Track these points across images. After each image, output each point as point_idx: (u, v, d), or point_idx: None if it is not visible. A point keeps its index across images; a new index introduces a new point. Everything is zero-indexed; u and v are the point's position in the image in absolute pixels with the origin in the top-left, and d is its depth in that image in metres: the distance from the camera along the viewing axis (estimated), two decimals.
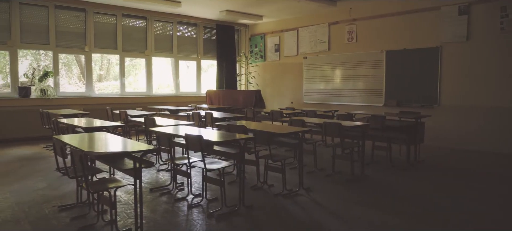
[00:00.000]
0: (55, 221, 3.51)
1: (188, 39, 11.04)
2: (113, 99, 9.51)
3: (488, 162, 6.52)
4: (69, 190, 4.50)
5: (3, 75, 9.43)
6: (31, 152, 7.05)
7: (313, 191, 4.56)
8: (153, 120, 5.46)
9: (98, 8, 9.16)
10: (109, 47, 9.58)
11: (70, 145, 3.21)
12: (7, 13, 8.11)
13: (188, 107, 9.00)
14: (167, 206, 3.99)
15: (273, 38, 11.35)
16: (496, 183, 5.16)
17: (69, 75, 11.08)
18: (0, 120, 7.94)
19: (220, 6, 9.43)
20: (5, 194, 4.36)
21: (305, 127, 5.34)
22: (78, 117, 6.70)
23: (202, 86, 11.42)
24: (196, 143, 3.75)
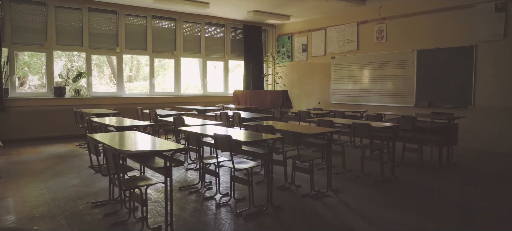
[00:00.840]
0: (88, 217, 3.62)
1: (216, 40, 11.15)
2: (143, 99, 9.73)
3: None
4: (101, 187, 4.63)
5: (39, 76, 9.84)
6: (66, 149, 7.30)
7: (341, 193, 4.49)
8: (182, 119, 5.54)
9: (129, 10, 9.39)
10: (139, 48, 9.80)
11: (103, 143, 3.30)
12: (44, 16, 8.45)
13: (215, 107, 9.09)
14: (195, 204, 4.04)
15: (301, 38, 11.28)
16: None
17: (100, 75, 11.43)
18: (36, 119, 8.27)
19: (248, 6, 9.47)
20: (42, 190, 4.54)
21: (334, 128, 5.28)
22: (110, 116, 6.90)
23: (229, 87, 11.49)
24: (225, 143, 3.77)
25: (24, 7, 8.24)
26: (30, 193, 4.42)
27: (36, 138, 8.23)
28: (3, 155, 6.64)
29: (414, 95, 8.46)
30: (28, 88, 9.73)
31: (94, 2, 8.84)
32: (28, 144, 7.79)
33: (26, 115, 8.17)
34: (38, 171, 5.55)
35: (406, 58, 8.60)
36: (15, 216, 3.67)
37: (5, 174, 5.29)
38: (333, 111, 7.72)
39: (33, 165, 5.93)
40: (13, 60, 8.29)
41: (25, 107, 8.19)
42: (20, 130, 8.06)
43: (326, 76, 10.52)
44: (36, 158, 6.47)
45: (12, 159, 6.34)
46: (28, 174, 5.33)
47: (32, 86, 9.87)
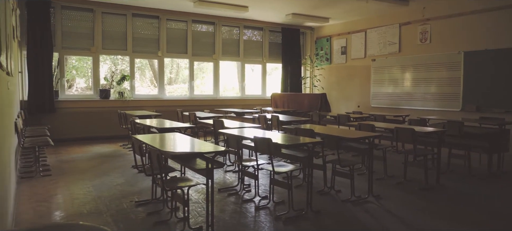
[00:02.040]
0: (133, 215, 3.74)
1: (254, 43, 11.21)
2: (183, 102, 9.95)
3: None
4: (144, 186, 4.78)
5: (85, 78, 10.33)
6: (110, 149, 7.60)
7: (383, 199, 4.37)
8: (221, 122, 5.61)
9: (170, 15, 9.65)
10: (180, 52, 10.05)
11: (148, 144, 3.40)
12: (91, 22, 8.86)
13: (253, 110, 9.13)
14: (235, 206, 4.07)
15: (340, 41, 11.11)
16: None
17: (142, 78, 11.82)
18: (83, 120, 8.68)
19: (286, 9, 9.46)
20: (89, 188, 4.75)
21: (375, 132, 5.15)
22: (152, 118, 7.11)
23: (266, 89, 11.51)
24: (265, 146, 3.77)
25: (74, 14, 8.69)
26: (78, 190, 4.64)
27: (83, 138, 8.62)
28: (53, 153, 7.01)
29: (460, 99, 8.08)
30: (75, 90, 10.23)
31: (138, 8, 9.16)
32: (76, 143, 8.18)
33: (74, 116, 8.59)
34: (85, 169, 5.81)
35: (452, 61, 8.24)
36: (65, 212, 3.86)
37: (55, 172, 5.58)
38: (373, 115, 7.53)
39: (81, 164, 6.22)
40: (63, 64, 8.75)
41: (73, 109, 8.62)
42: (68, 130, 8.48)
43: (366, 79, 10.29)
44: (83, 157, 6.78)
45: (61, 158, 6.68)
46: (76, 172, 5.59)
47: (79, 88, 10.37)
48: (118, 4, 8.83)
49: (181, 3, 8.83)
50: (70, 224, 1.05)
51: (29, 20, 8.01)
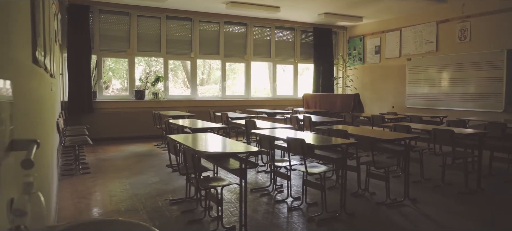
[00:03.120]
0: (167, 213, 3.82)
1: (285, 43, 11.18)
2: (214, 102, 10.06)
3: None
4: (178, 185, 4.87)
5: (121, 80, 10.65)
6: (145, 149, 7.80)
7: (420, 203, 4.23)
8: (253, 122, 5.62)
9: (203, 17, 9.79)
10: (212, 53, 10.17)
11: (183, 144, 3.46)
12: (127, 25, 9.13)
13: (284, 111, 9.10)
14: (267, 207, 4.07)
15: (373, 40, 10.88)
16: None
17: (175, 79, 12.05)
18: (119, 120, 8.96)
19: (319, 9, 9.36)
20: (126, 186, 4.89)
21: (411, 133, 5.00)
22: (185, 118, 7.23)
23: (298, 90, 11.45)
24: (298, 146, 3.75)
25: (111, 17, 8.99)
26: (115, 188, 4.79)
27: (118, 137, 8.90)
28: (92, 152, 7.28)
29: (503, 100, 7.70)
30: (112, 91, 10.57)
31: (172, 10, 9.35)
32: (112, 143, 8.45)
33: (110, 116, 8.88)
34: (122, 168, 6.00)
35: (493, 59, 7.87)
36: (103, 209, 4.00)
37: (94, 170, 5.79)
38: (409, 116, 7.32)
39: (117, 162, 6.42)
40: (101, 66, 9.08)
41: (110, 109, 8.92)
42: (105, 130, 8.78)
43: (400, 79, 10.01)
44: (120, 156, 7.00)
45: (99, 156, 6.93)
46: (113, 170, 5.78)
47: (115, 89, 10.71)
48: (153, 7, 9.06)
49: (214, 5, 8.94)
50: (114, 220, 1.08)
51: (70, 24, 8.36)
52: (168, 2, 8.51)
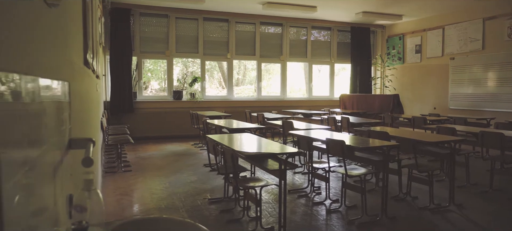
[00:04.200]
0: (206, 212, 3.87)
1: (322, 43, 11.05)
2: (250, 103, 10.10)
3: None
4: (216, 184, 4.92)
5: (159, 81, 10.92)
6: (182, 148, 7.96)
7: (466, 208, 4.04)
8: (291, 123, 5.59)
9: (239, 17, 9.87)
10: (248, 54, 10.22)
11: (222, 144, 3.49)
12: (166, 27, 9.36)
13: (321, 111, 8.99)
14: (305, 208, 4.03)
15: (414, 39, 10.52)
16: None
17: (210, 79, 12.22)
18: (157, 119, 9.20)
19: (356, 8, 9.18)
20: (165, 184, 5.01)
21: (456, 136, 4.78)
22: (221, 118, 7.31)
23: (334, 90, 11.28)
24: (337, 148, 3.69)
25: (150, 20, 9.25)
26: (155, 185, 4.91)
27: (157, 137, 9.14)
28: (133, 150, 7.52)
29: None
30: (150, 92, 10.87)
31: (209, 12, 9.48)
32: (151, 141, 8.69)
33: (149, 116, 9.14)
34: (161, 166, 6.14)
35: None
36: (145, 206, 4.11)
37: (135, 167, 5.97)
38: (452, 118, 7.02)
39: (156, 161, 6.59)
40: (141, 67, 9.36)
41: (149, 109, 9.17)
42: (144, 129, 9.04)
43: (443, 79, 9.63)
44: (159, 155, 7.18)
45: (139, 155, 7.14)
46: (153, 169, 5.93)
47: (153, 90, 11.00)
48: (191, 9, 9.23)
49: (250, 6, 8.98)
50: (165, 218, 1.10)
51: (112, 27, 8.68)
52: (206, 4, 8.64)
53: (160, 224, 1.05)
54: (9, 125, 0.53)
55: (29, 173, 0.65)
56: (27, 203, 0.65)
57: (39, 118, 0.72)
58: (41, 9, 0.79)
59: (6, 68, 0.51)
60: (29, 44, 0.68)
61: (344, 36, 11.20)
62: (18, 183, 0.57)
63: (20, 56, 0.62)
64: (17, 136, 0.58)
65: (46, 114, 0.78)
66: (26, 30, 0.67)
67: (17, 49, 0.60)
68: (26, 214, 0.65)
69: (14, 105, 0.54)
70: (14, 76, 0.54)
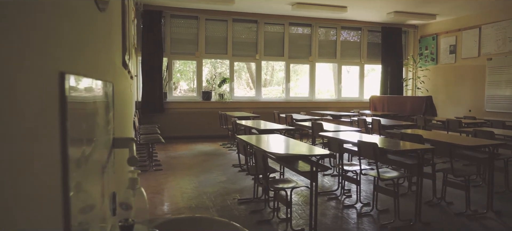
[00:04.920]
0: (236, 212, 3.89)
1: (351, 44, 10.89)
2: (278, 104, 10.09)
3: None
4: (245, 185, 4.94)
5: (188, 81, 11.08)
6: (211, 148, 8.04)
7: (505, 216, 3.87)
8: (320, 124, 5.54)
9: (268, 18, 9.88)
10: (276, 55, 10.21)
11: (253, 145, 3.50)
12: (196, 29, 9.50)
13: (350, 113, 8.86)
14: (336, 211, 3.98)
15: (448, 39, 10.19)
16: None
17: (238, 80, 12.29)
18: (187, 120, 9.33)
19: (388, 7, 8.99)
20: (195, 183, 5.07)
21: (495, 140, 4.59)
22: (250, 119, 7.33)
23: (364, 92, 11.09)
24: (369, 150, 3.62)
25: (181, 22, 9.41)
26: (186, 185, 4.99)
27: (186, 136, 9.27)
28: (163, 150, 7.66)
29: None
30: (179, 92, 11.05)
31: (238, 13, 9.54)
32: (181, 141, 8.83)
33: (179, 116, 9.29)
34: (190, 166, 6.23)
35: None
36: (176, 205, 4.18)
37: (165, 167, 6.09)
38: (489, 121, 6.75)
39: (186, 160, 6.69)
40: (171, 68, 9.53)
41: (179, 109, 9.32)
42: (174, 129, 9.19)
43: (479, 81, 9.27)
44: (188, 154, 7.29)
45: (170, 154, 7.27)
46: (182, 168, 6.03)
47: (182, 90, 11.18)
48: (220, 10, 9.32)
49: (279, 6, 8.97)
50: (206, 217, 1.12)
51: (144, 28, 8.88)
52: (235, 5, 8.70)
53: (202, 224, 1.06)
54: (77, 123, 0.55)
55: (84, 170, 0.67)
56: (81, 199, 0.67)
57: (94, 117, 0.75)
58: (94, 13, 0.82)
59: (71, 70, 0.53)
60: (85, 47, 0.71)
61: (374, 37, 11.00)
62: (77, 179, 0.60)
63: (80, 59, 0.64)
64: (80, 134, 0.60)
65: (98, 114, 0.81)
66: (84, 33, 0.69)
67: (78, 51, 0.63)
68: (81, 210, 0.67)
69: (80, 105, 0.57)
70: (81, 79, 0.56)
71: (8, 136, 0.38)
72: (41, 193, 0.47)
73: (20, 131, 0.41)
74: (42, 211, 0.47)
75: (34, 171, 0.44)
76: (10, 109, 0.38)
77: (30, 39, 0.44)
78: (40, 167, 0.46)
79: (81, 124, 0.60)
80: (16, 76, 0.40)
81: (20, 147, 0.41)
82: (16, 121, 0.40)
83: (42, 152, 0.46)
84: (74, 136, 0.54)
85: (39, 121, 0.45)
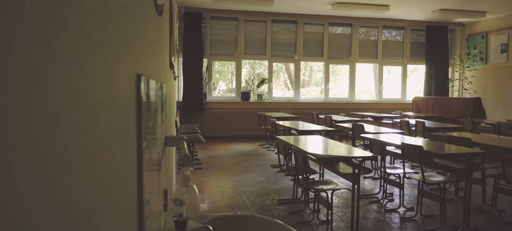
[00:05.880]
0: (276, 212, 3.90)
1: (393, 44, 10.58)
2: (317, 104, 9.99)
3: None
4: (284, 185, 4.94)
5: (226, 82, 11.22)
6: (249, 148, 8.10)
7: None
8: (361, 126, 5.44)
9: (307, 19, 9.81)
10: (315, 55, 10.12)
11: (293, 145, 3.50)
12: (235, 30, 9.60)
13: (392, 115, 8.61)
14: (378, 215, 3.89)
15: (499, 37, 9.65)
16: None
17: (276, 81, 12.29)
18: (226, 120, 9.46)
19: (433, 5, 8.66)
20: (234, 183, 5.13)
21: None
22: (289, 119, 7.32)
23: (406, 93, 10.74)
24: (414, 153, 3.51)
25: (221, 23, 9.56)
26: (225, 184, 5.06)
27: (225, 136, 9.40)
28: (203, 149, 7.82)
29: None
30: (218, 92, 11.22)
31: (277, 14, 9.55)
32: (220, 141, 8.96)
33: (218, 116, 9.43)
34: (230, 165, 6.32)
35: None
36: (216, 204, 4.25)
37: (205, 165, 6.21)
38: None
39: (225, 160, 6.78)
40: (211, 69, 9.70)
41: (218, 109, 9.47)
42: (213, 128, 9.34)
43: None
44: (227, 154, 7.39)
45: (209, 153, 7.40)
46: (222, 167, 6.12)
47: (221, 91, 11.34)
48: (259, 11, 9.37)
49: (319, 6, 8.89)
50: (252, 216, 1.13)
51: (185, 30, 9.10)
52: (274, 6, 8.71)
53: (249, 222, 1.08)
54: (146, 122, 0.58)
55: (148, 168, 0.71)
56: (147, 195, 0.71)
57: (156, 117, 0.79)
58: (154, 17, 0.86)
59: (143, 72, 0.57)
60: (149, 49, 0.75)
61: (418, 36, 10.62)
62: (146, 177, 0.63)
63: (145, 61, 0.68)
64: (147, 133, 0.64)
65: (157, 113, 0.85)
66: (149, 37, 0.73)
67: (145, 54, 0.66)
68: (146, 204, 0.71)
69: (148, 105, 0.60)
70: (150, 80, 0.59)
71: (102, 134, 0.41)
72: (123, 190, 0.50)
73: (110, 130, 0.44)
74: (122, 202, 0.51)
75: (120, 168, 0.47)
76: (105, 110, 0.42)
77: (117, 44, 0.47)
78: (124, 164, 0.49)
79: (148, 123, 0.64)
80: (110, 78, 0.43)
81: (109, 145, 0.44)
82: (107, 121, 0.43)
83: (123, 150, 0.50)
84: (144, 135, 0.57)
85: (123, 121, 0.48)
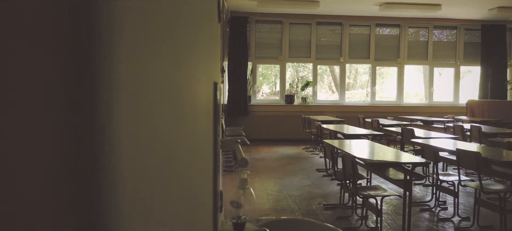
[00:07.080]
0: (322, 217, 3.85)
1: (444, 44, 10.10)
2: (363, 108, 9.75)
3: None
4: (330, 190, 4.86)
5: (269, 85, 11.26)
6: (294, 152, 8.06)
7: None
8: (411, 130, 5.24)
9: (353, 20, 9.62)
10: (361, 57, 9.89)
11: (341, 150, 3.44)
12: (279, 33, 9.62)
13: (444, 119, 8.22)
14: (430, 223, 3.72)
15: None
16: None
17: (320, 84, 12.14)
18: (270, 122, 9.47)
19: (489, 3, 8.17)
20: (280, 186, 5.13)
21: None
22: (334, 123, 7.20)
23: (460, 96, 10.21)
24: (471, 160, 3.32)
25: (265, 26, 9.61)
26: (270, 187, 5.07)
27: (269, 139, 9.41)
28: (247, 151, 7.87)
29: None
30: (261, 95, 11.27)
31: (322, 16, 9.45)
32: (264, 143, 8.99)
33: (262, 119, 9.47)
34: (274, 168, 6.32)
35: None
36: (262, 207, 4.26)
37: (249, 168, 6.19)
38: None
39: (270, 163, 6.80)
40: (255, 72, 9.78)
41: (262, 112, 9.51)
42: (257, 131, 9.38)
43: None
44: (271, 157, 7.40)
45: (254, 156, 7.45)
46: (267, 170, 6.14)
47: (264, 94, 11.39)
48: (304, 14, 9.32)
49: (366, 8, 8.69)
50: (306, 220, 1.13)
51: (231, 34, 9.25)
52: (320, 8, 8.63)
53: (304, 226, 1.07)
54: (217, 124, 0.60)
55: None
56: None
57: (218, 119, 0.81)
58: (214, 23, 0.89)
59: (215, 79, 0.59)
60: (213, 55, 0.77)
61: (472, 35, 10.07)
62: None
63: (212, 66, 0.71)
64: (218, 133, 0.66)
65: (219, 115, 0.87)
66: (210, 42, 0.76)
67: (212, 60, 0.69)
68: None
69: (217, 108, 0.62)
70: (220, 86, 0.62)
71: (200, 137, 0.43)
72: (206, 189, 0.52)
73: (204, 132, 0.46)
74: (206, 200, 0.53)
75: (204, 168, 0.50)
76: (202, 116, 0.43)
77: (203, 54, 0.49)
78: (207, 164, 0.52)
79: (218, 126, 0.65)
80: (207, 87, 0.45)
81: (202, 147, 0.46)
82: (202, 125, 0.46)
83: (207, 151, 0.52)
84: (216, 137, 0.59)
85: (206, 125, 0.50)
